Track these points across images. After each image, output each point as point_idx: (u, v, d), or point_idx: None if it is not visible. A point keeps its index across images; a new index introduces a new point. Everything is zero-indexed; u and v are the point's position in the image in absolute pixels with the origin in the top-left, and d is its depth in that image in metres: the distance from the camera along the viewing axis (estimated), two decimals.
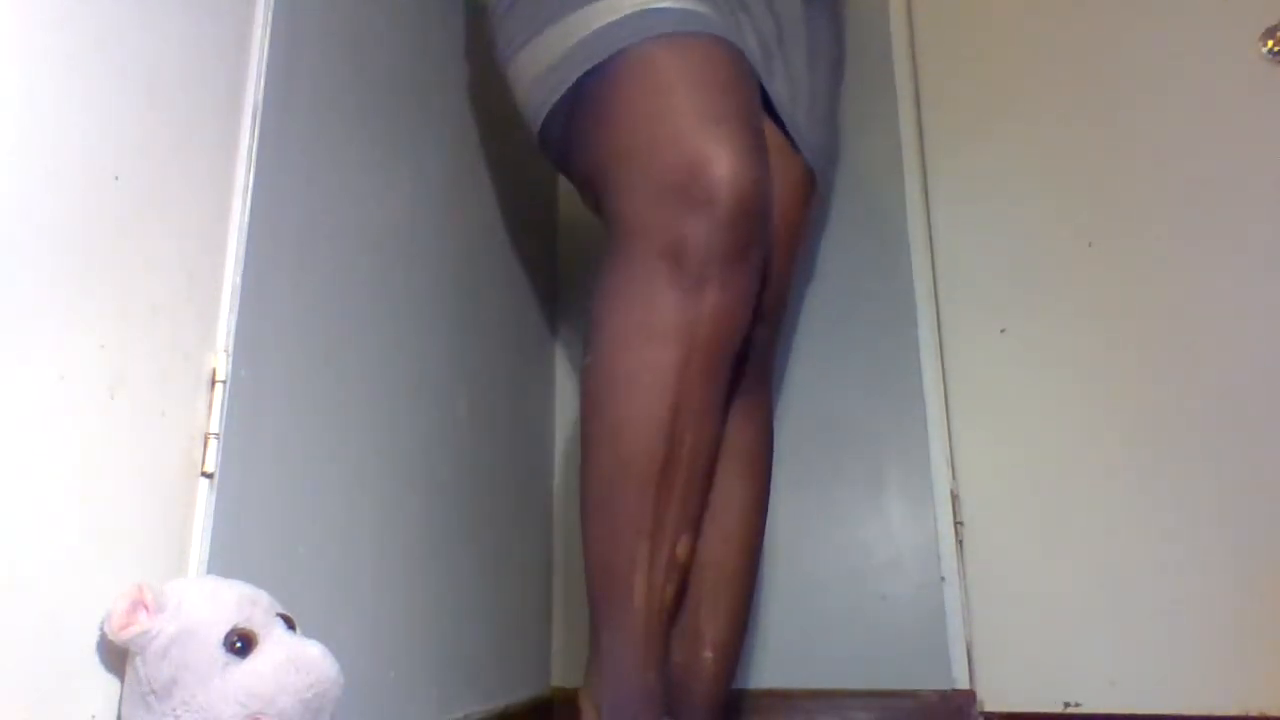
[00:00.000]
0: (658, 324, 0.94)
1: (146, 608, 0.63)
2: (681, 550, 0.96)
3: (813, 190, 1.17)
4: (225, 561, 0.75)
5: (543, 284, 1.69)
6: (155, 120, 0.74)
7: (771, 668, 1.45)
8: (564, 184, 1.83)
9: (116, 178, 0.69)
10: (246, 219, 0.83)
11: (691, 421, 0.94)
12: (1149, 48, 1.50)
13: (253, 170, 0.84)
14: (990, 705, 1.37)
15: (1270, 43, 1.42)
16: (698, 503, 0.97)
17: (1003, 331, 1.50)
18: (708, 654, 1.07)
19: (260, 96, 0.86)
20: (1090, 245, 1.48)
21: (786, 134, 1.11)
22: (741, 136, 0.94)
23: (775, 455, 1.19)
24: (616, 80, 0.99)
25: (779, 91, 1.09)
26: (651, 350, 0.94)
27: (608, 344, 0.98)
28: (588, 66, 0.99)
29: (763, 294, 1.05)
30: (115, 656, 0.64)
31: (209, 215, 0.80)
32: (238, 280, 0.81)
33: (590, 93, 1.01)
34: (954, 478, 1.47)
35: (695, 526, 0.97)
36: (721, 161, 0.92)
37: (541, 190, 1.74)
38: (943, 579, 1.43)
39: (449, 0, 1.36)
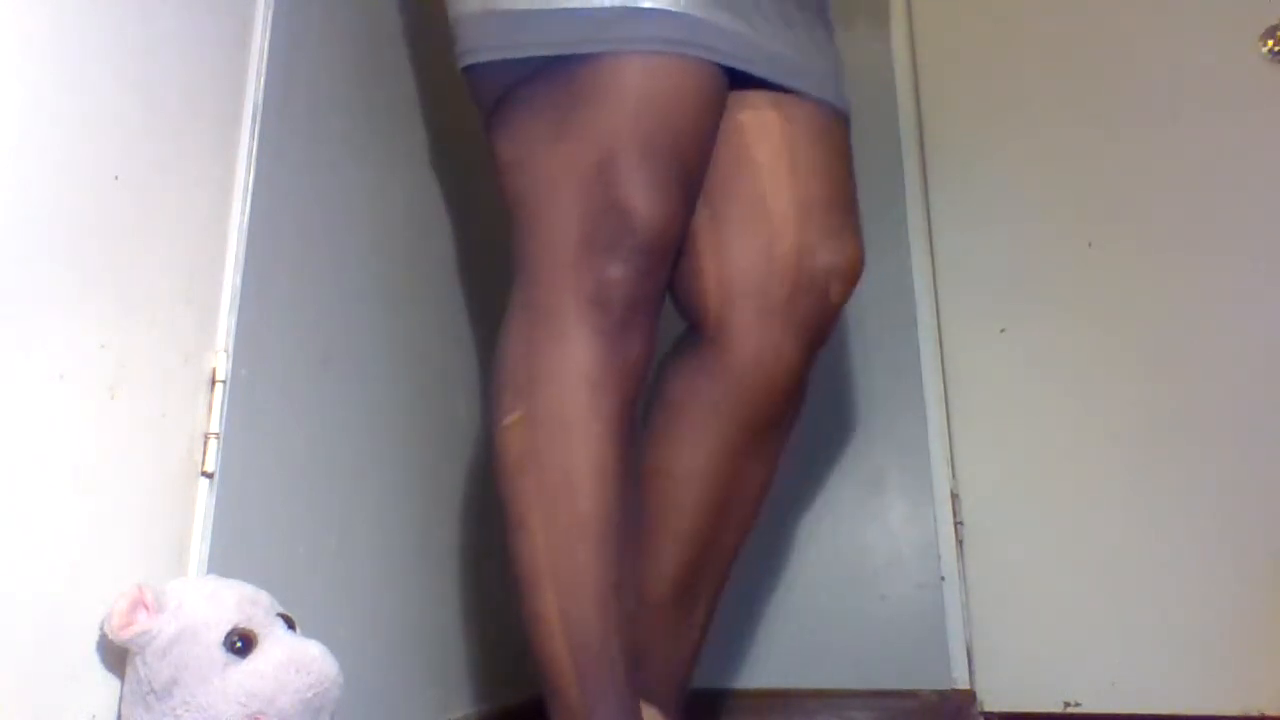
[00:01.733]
0: (593, 372, 0.90)
1: (146, 608, 0.63)
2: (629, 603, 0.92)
3: (838, 121, 1.07)
4: (225, 561, 0.75)
5: None
6: (155, 120, 0.74)
7: (771, 668, 1.45)
8: None
9: (116, 178, 0.69)
10: (246, 219, 0.83)
11: (627, 471, 0.91)
12: (1149, 48, 1.50)
13: (253, 170, 0.84)
14: (990, 705, 1.37)
15: (1270, 43, 1.42)
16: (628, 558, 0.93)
17: (1003, 331, 1.50)
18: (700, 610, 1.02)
19: (260, 96, 0.86)
20: (1090, 245, 1.48)
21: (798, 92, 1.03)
22: (681, 179, 0.91)
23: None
24: (574, 90, 0.92)
25: (781, 51, 1.01)
26: (594, 398, 0.89)
27: (545, 393, 0.91)
28: (552, 53, 0.91)
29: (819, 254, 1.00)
30: (115, 656, 0.64)
31: (209, 215, 0.80)
32: (238, 280, 0.81)
33: (539, 85, 0.93)
34: (954, 478, 1.47)
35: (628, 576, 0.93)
36: (650, 208, 0.89)
37: None
38: (943, 579, 1.43)
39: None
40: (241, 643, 0.63)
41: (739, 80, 0.99)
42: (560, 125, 0.92)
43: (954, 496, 1.46)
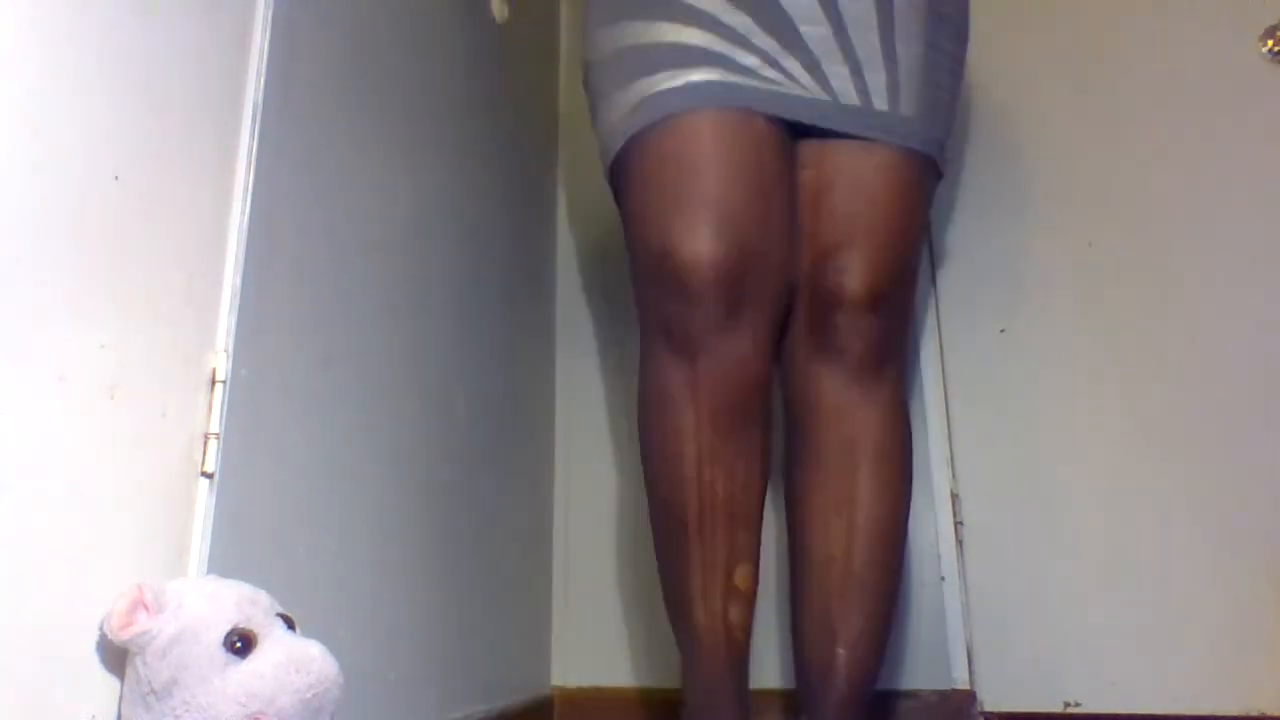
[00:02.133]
0: (668, 392, 1.08)
1: (146, 608, 0.63)
2: (740, 579, 1.06)
3: (918, 167, 1.15)
4: (225, 561, 0.75)
5: (543, 284, 1.69)
6: (155, 120, 0.74)
7: (772, 668, 1.45)
8: (564, 184, 1.84)
9: (116, 178, 0.69)
10: (246, 219, 0.83)
11: (720, 471, 1.05)
12: (1149, 48, 1.50)
13: (253, 170, 0.84)
14: (990, 705, 1.38)
15: (1270, 43, 1.42)
16: (749, 537, 1.08)
17: (1003, 331, 1.50)
18: (840, 650, 1.08)
19: (260, 96, 0.86)
20: (1090, 245, 1.48)
21: (856, 137, 1.12)
22: (717, 219, 1.04)
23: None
24: (640, 151, 1.11)
25: (841, 92, 1.10)
26: (669, 415, 1.08)
27: (639, 409, 1.12)
28: (630, 133, 1.11)
29: (846, 281, 1.11)
30: (115, 656, 0.64)
31: (209, 215, 0.80)
32: (238, 280, 0.81)
33: (626, 159, 1.14)
34: (954, 478, 1.47)
35: (753, 557, 1.08)
36: (691, 245, 1.04)
37: (542, 191, 1.74)
38: (943, 579, 1.43)
39: (449, 1, 1.36)
40: (241, 643, 0.63)
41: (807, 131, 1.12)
42: (632, 186, 1.14)
43: (954, 496, 1.46)
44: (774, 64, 1.09)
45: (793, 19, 1.09)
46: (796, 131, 1.12)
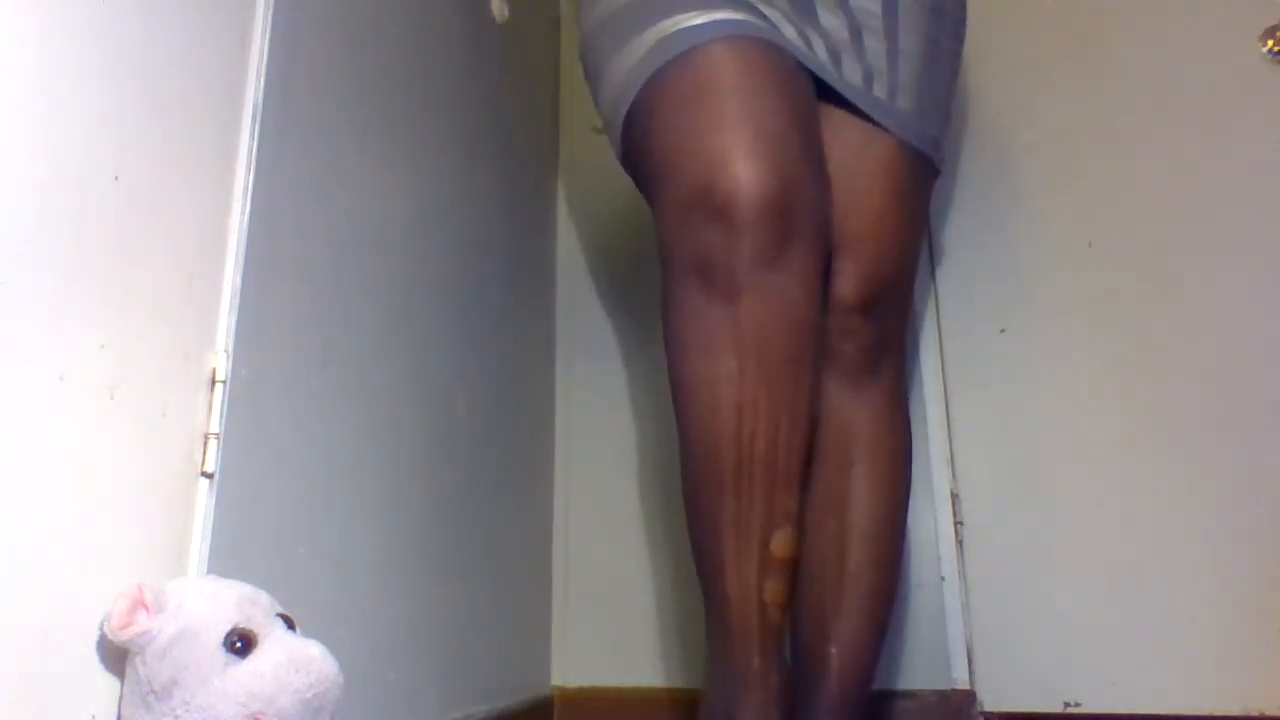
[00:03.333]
0: (705, 337, 0.97)
1: (146, 608, 0.63)
2: (779, 546, 0.96)
3: (914, 165, 1.14)
4: (225, 561, 0.75)
5: (543, 284, 1.69)
6: (155, 120, 0.74)
7: None
8: (564, 184, 1.84)
9: (116, 178, 0.69)
10: (246, 219, 0.83)
11: (762, 424, 0.95)
12: (1149, 47, 1.50)
13: (253, 170, 0.84)
14: (990, 705, 1.37)
15: (1270, 43, 1.42)
16: (788, 499, 0.97)
17: (1003, 331, 1.50)
18: (831, 650, 1.07)
19: (260, 96, 0.86)
20: (1090, 245, 1.48)
21: (867, 118, 1.10)
22: (760, 142, 0.96)
23: None
24: (665, 87, 1.03)
25: (850, 79, 1.10)
26: (705, 362, 0.97)
27: (671, 357, 1.01)
28: (650, 72, 1.03)
29: (838, 283, 1.07)
30: (115, 656, 0.64)
31: (209, 215, 0.80)
32: (238, 280, 0.81)
33: (646, 101, 1.05)
34: (954, 478, 1.47)
35: (792, 521, 0.97)
36: (735, 169, 0.95)
37: (541, 190, 1.74)
38: (943, 579, 1.43)
39: (449, 1, 1.36)
40: (241, 643, 0.63)
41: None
42: (655, 128, 1.05)
43: (954, 496, 1.46)
44: (794, 25, 1.07)
45: (811, 2, 1.09)
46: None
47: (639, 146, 1.08)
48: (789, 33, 1.07)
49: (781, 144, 0.98)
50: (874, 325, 1.12)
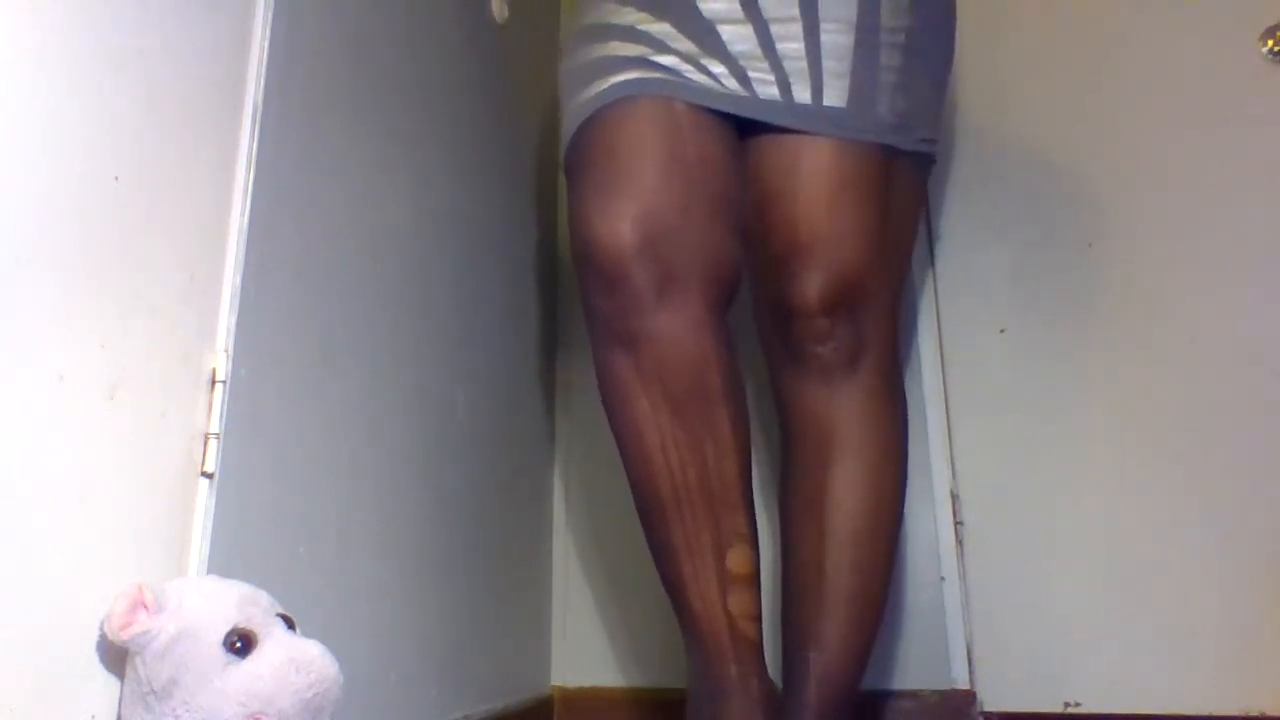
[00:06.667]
0: (619, 385, 1.06)
1: (146, 608, 0.63)
2: (735, 563, 1.02)
3: (865, 158, 1.11)
4: (225, 561, 0.75)
5: (543, 284, 1.69)
6: (155, 120, 0.74)
7: (771, 668, 1.45)
8: (564, 184, 1.83)
9: (116, 178, 0.69)
10: (246, 219, 0.83)
11: (688, 455, 1.03)
12: (1149, 47, 1.50)
13: (253, 170, 0.84)
14: (990, 705, 1.37)
15: (1270, 43, 1.42)
16: (736, 519, 1.03)
17: (1002, 331, 1.50)
18: (811, 655, 1.06)
19: (260, 96, 0.86)
20: (1090, 245, 1.48)
21: (793, 130, 1.10)
22: (625, 201, 1.04)
23: (776, 456, 1.19)
24: (575, 151, 1.14)
25: (763, 94, 1.09)
26: (626, 408, 1.06)
27: (604, 406, 1.09)
28: (569, 136, 1.15)
29: (796, 291, 1.08)
30: (115, 656, 0.64)
31: (209, 215, 0.80)
32: (238, 280, 0.81)
33: (567, 164, 1.17)
34: (954, 478, 1.47)
35: (746, 539, 1.04)
36: (596, 230, 1.04)
37: (541, 190, 1.74)
38: (943, 579, 1.43)
39: (449, 2, 1.36)
40: (241, 643, 0.63)
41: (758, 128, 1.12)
42: (570, 181, 1.16)
43: (954, 496, 1.46)
44: (694, 63, 1.09)
45: (712, 23, 1.09)
46: (741, 132, 1.12)
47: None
48: (691, 75, 1.09)
49: (650, 197, 1.04)
50: (845, 327, 1.09)
